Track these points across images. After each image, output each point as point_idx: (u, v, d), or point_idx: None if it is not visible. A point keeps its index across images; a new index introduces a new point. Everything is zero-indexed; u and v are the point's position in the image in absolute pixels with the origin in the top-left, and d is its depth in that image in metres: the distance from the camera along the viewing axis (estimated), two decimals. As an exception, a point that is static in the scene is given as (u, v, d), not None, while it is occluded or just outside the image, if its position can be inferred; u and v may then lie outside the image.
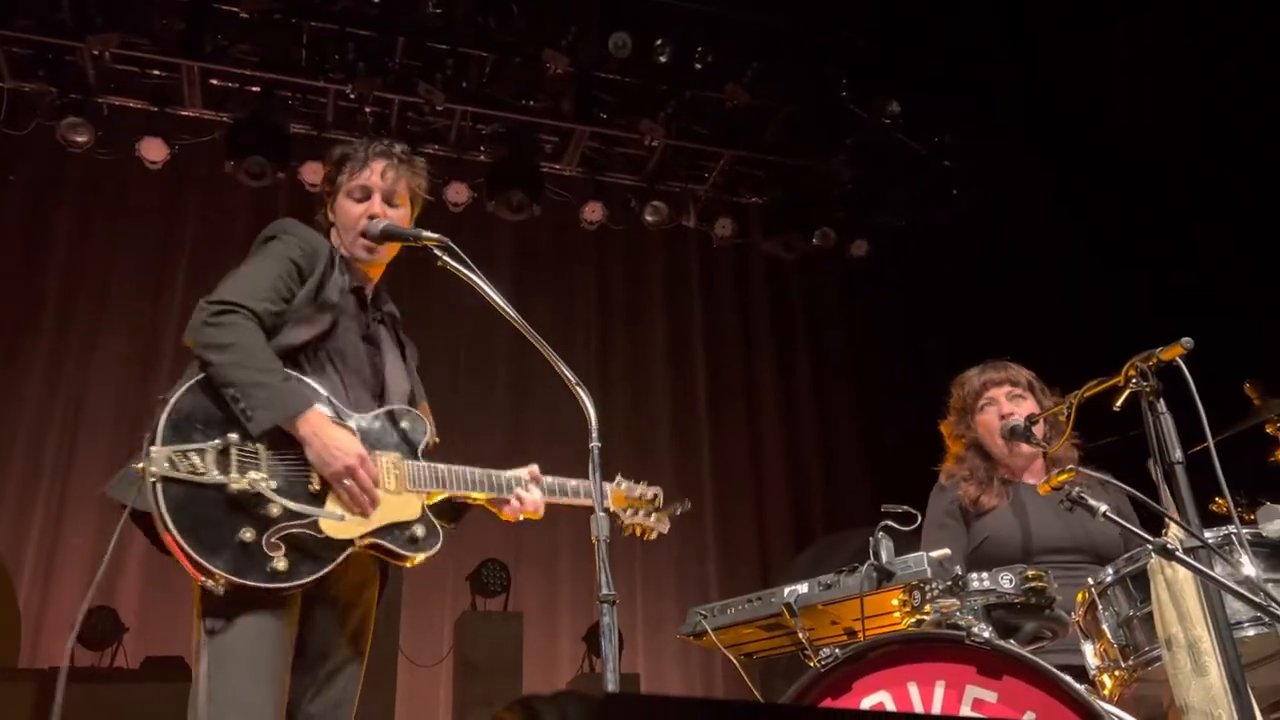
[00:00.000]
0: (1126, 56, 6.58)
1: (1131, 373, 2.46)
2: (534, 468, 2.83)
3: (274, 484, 2.41)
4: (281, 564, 2.36)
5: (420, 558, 2.59)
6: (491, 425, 7.79)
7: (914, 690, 2.32)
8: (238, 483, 2.36)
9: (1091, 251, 7.00)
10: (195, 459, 2.35)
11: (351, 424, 2.58)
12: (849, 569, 2.68)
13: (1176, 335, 2.49)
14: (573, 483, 2.86)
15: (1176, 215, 6.54)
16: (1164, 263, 6.46)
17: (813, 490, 8.55)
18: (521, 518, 2.80)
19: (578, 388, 2.49)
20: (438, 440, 2.78)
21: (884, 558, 2.62)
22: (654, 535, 3.08)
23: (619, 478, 3.04)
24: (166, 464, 2.32)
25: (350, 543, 2.48)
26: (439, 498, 2.71)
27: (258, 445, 2.42)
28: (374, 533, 2.52)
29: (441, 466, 2.68)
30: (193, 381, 2.45)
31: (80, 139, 6.67)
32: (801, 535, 8.14)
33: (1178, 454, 2.34)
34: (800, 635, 2.71)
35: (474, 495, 2.75)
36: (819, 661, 2.45)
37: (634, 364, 8.50)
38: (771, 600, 2.78)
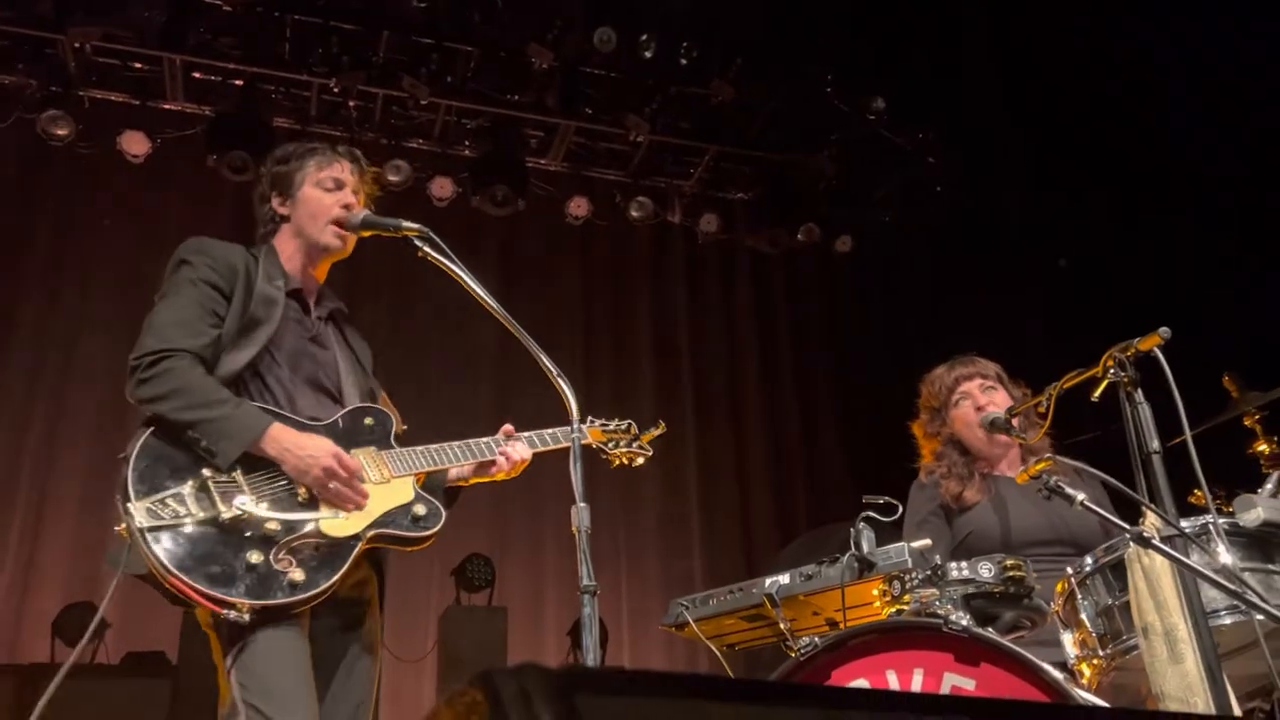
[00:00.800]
0: (1111, 54, 6.61)
1: (1110, 363, 2.47)
2: (507, 427, 2.87)
3: (263, 504, 2.39)
4: (298, 575, 2.35)
5: (429, 535, 2.60)
6: (476, 420, 7.74)
7: (892, 678, 2.33)
8: (227, 512, 2.34)
9: (1073, 245, 7.04)
10: (174, 504, 2.33)
11: (318, 428, 2.58)
12: (830, 560, 2.70)
13: (1155, 327, 2.51)
14: (549, 431, 2.92)
15: (1157, 209, 6.59)
16: (1145, 255, 6.50)
17: (797, 484, 8.57)
18: (514, 474, 2.83)
19: (559, 379, 2.50)
20: (405, 427, 2.78)
21: (865, 548, 2.63)
22: (640, 460, 3.18)
23: (590, 418, 3.10)
24: (147, 515, 2.29)
25: (357, 538, 2.47)
26: (422, 482, 2.72)
27: (234, 474, 2.41)
28: (376, 523, 2.51)
29: (419, 449, 2.69)
30: (147, 433, 2.42)
31: (61, 132, 6.63)
32: (786, 529, 8.15)
33: (1155, 444, 2.35)
34: (782, 625, 2.72)
35: (455, 470, 2.80)
36: (798, 651, 2.46)
37: (618, 358, 8.50)
38: (753, 591, 2.79)
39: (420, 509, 2.59)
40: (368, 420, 2.68)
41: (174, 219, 7.46)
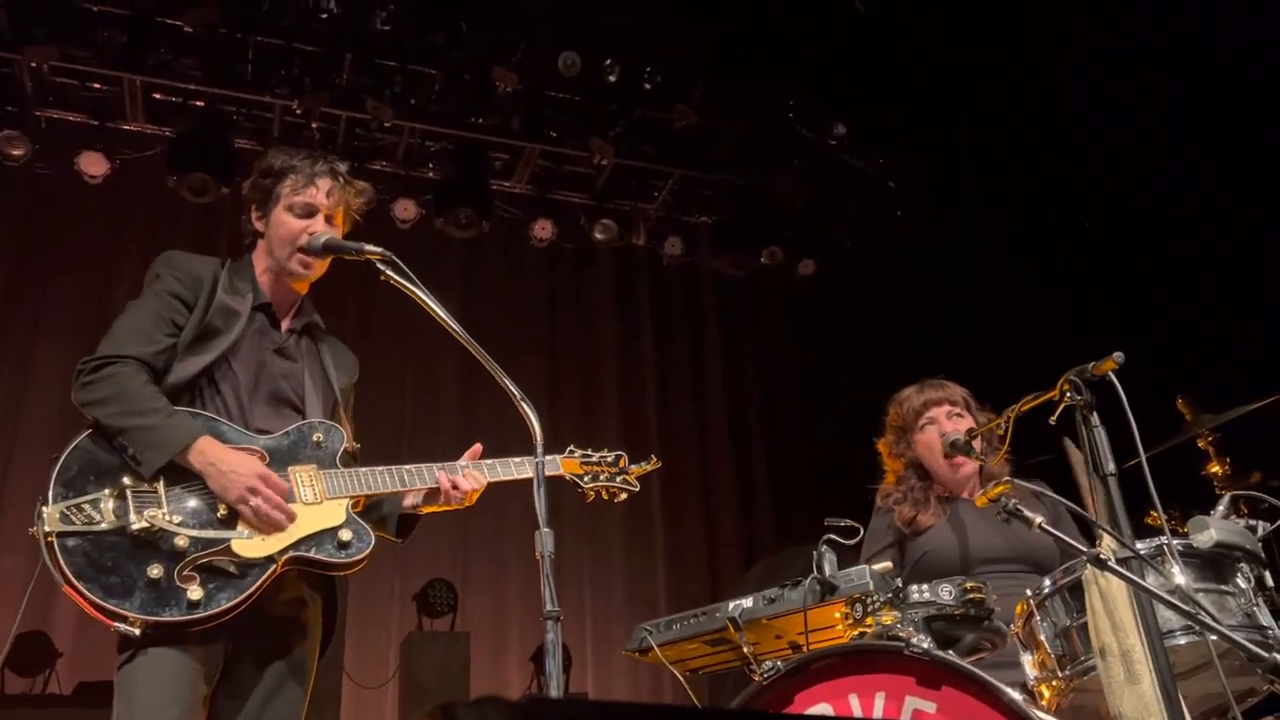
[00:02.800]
0: (1070, 77, 6.74)
1: (1066, 387, 2.51)
2: (476, 447, 2.82)
3: (176, 517, 2.37)
4: (196, 594, 2.32)
5: (353, 561, 2.54)
6: (441, 442, 7.73)
7: (854, 701, 2.34)
8: (136, 523, 2.32)
9: (1032, 270, 7.15)
10: (89, 510, 2.32)
11: (256, 446, 2.55)
12: (793, 583, 2.70)
13: (1110, 351, 2.55)
14: (515, 460, 2.84)
15: (1112, 236, 6.71)
16: (1100, 281, 6.62)
17: (761, 506, 8.59)
18: (467, 504, 2.77)
19: (523, 403, 2.49)
20: (357, 446, 2.75)
21: (827, 571, 2.64)
22: (623, 496, 3.08)
23: (571, 447, 3.04)
24: (59, 520, 2.29)
25: (271, 560, 2.43)
26: (372, 507, 2.69)
27: (156, 484, 2.39)
28: (294, 545, 2.47)
29: (361, 470, 2.65)
30: (83, 436, 2.44)
31: (17, 152, 6.54)
32: (751, 551, 8.16)
33: (1110, 466, 2.39)
34: (745, 650, 2.71)
35: (409, 499, 2.75)
36: (761, 675, 2.46)
37: (583, 382, 8.49)
38: (716, 615, 2.78)
39: (346, 534, 2.54)
40: (316, 437, 2.65)
41: (133, 241, 7.38)
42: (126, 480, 2.38)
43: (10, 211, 7.20)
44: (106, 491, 2.36)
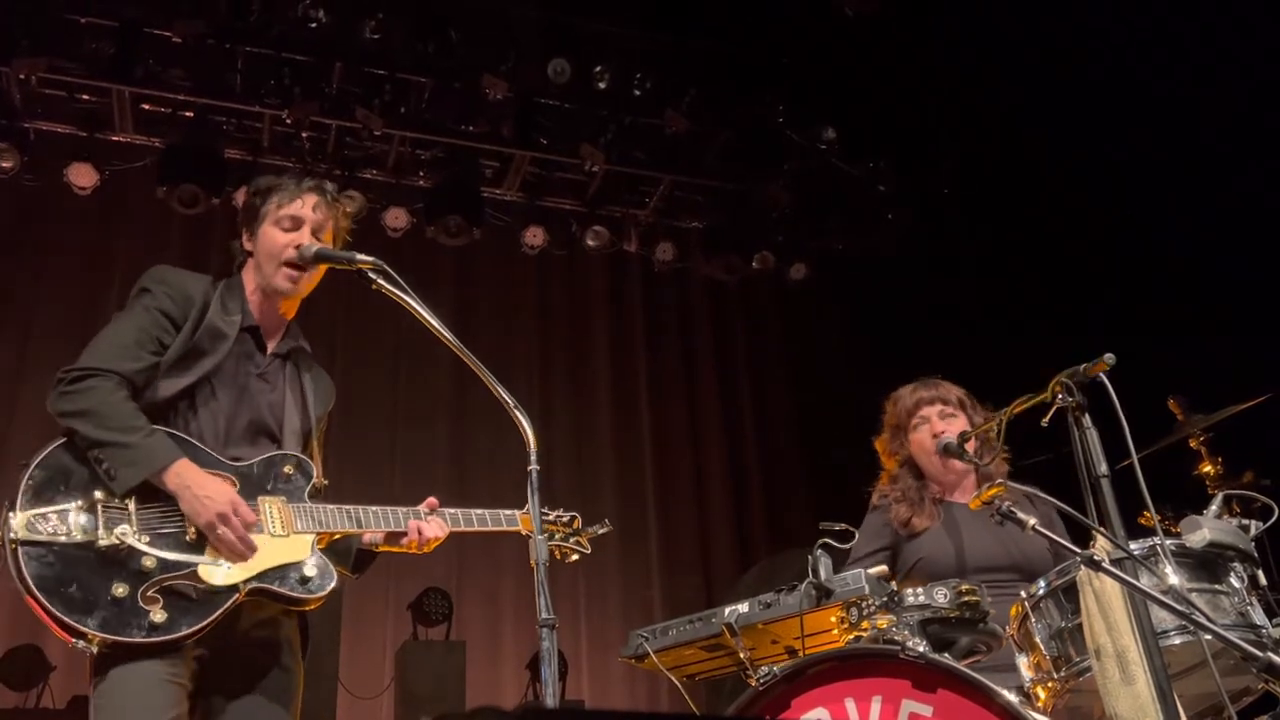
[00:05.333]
0: (1059, 81, 6.77)
1: (1058, 389, 2.51)
2: (431, 500, 2.80)
3: (145, 537, 2.35)
4: (159, 616, 2.30)
5: (315, 598, 2.52)
6: (434, 450, 7.73)
7: (851, 706, 2.34)
8: (105, 539, 2.30)
9: (1022, 272, 7.17)
10: (57, 520, 2.29)
11: (229, 472, 2.54)
12: (789, 587, 2.70)
13: (1102, 352, 2.56)
14: (477, 512, 2.84)
15: (1102, 238, 6.74)
16: (1091, 283, 6.64)
17: (755, 512, 8.59)
18: (426, 550, 2.76)
19: (516, 411, 2.49)
20: (325, 482, 2.73)
21: (822, 575, 2.64)
22: (574, 557, 3.08)
23: (528, 505, 3.04)
24: (25, 529, 2.26)
25: (235, 589, 2.42)
26: (335, 539, 2.68)
27: (126, 500, 2.37)
28: (258, 577, 2.45)
29: (330, 507, 2.64)
30: (56, 444, 2.42)
31: (6, 164, 6.53)
32: (745, 557, 8.16)
33: (1103, 467, 2.39)
34: (741, 655, 2.71)
35: (369, 535, 2.74)
36: (758, 680, 2.46)
37: (576, 388, 8.49)
38: (712, 621, 2.78)
39: (310, 570, 2.52)
40: (287, 469, 2.64)
41: (122, 253, 7.36)
42: (98, 494, 2.35)
43: (-1, 223, 7.18)
44: (76, 504, 2.33)
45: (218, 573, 2.40)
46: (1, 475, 6.74)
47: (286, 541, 2.53)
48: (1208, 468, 3.71)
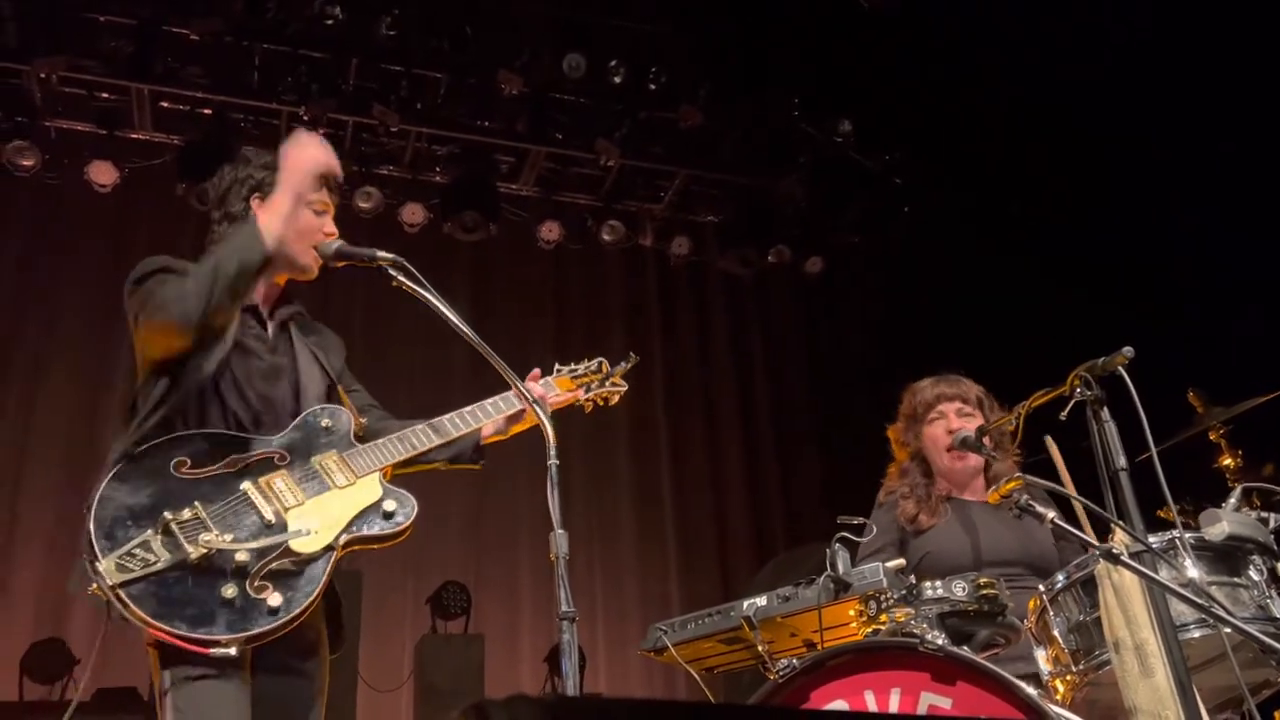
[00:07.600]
0: (1072, 73, 6.73)
1: (1076, 383, 2.51)
2: (535, 370, 2.95)
3: (228, 535, 2.37)
4: (275, 600, 2.32)
5: (401, 529, 2.54)
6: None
7: (870, 698, 2.35)
8: (194, 552, 2.32)
9: (1041, 264, 7.13)
10: (142, 553, 2.30)
11: (274, 448, 2.55)
12: (807, 581, 2.71)
13: (1120, 346, 2.55)
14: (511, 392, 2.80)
15: (1121, 229, 6.70)
16: (1111, 274, 6.61)
17: (773, 506, 8.59)
18: (545, 414, 2.64)
19: (535, 405, 2.50)
20: (364, 421, 2.73)
21: (840, 569, 2.64)
22: (615, 399, 3.17)
23: (556, 365, 3.09)
24: (117, 571, 2.27)
25: (330, 548, 2.44)
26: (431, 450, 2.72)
27: (196, 509, 2.38)
28: (345, 529, 2.48)
29: (382, 440, 2.65)
30: (105, 482, 2.40)
31: (27, 163, 6.58)
32: (762, 551, 8.17)
33: (1122, 461, 2.39)
34: (760, 648, 2.72)
35: (489, 428, 2.84)
36: (777, 673, 2.47)
37: (592, 383, 8.49)
38: (731, 614, 2.79)
39: (390, 504, 2.55)
40: (325, 422, 2.64)
41: (142, 249, 7.38)
42: (167, 515, 2.36)
43: (21, 221, 7.25)
44: (150, 532, 2.34)
45: (309, 541, 2.43)
46: (27, 462, 6.85)
47: (355, 488, 2.55)
48: (1227, 460, 3.69)
